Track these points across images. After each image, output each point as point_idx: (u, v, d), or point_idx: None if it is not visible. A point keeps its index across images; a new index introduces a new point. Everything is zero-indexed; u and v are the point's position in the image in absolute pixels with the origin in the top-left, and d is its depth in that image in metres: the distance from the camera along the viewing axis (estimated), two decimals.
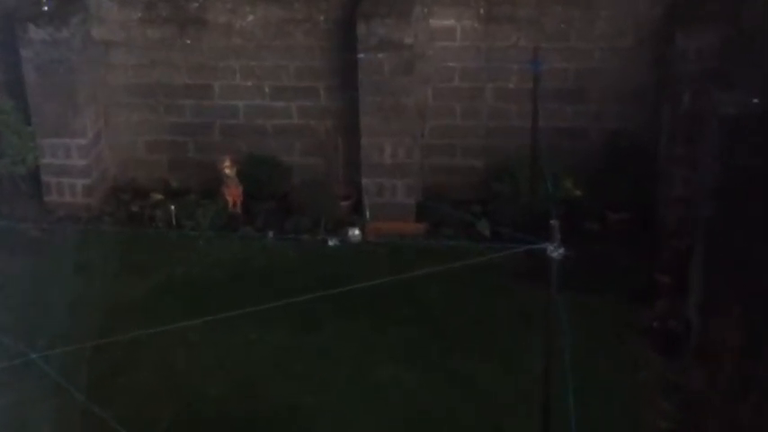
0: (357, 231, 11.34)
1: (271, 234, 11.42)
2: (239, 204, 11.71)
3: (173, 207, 11.58)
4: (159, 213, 11.67)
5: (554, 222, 6.80)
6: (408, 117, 11.20)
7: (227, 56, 11.78)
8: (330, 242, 11.24)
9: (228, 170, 11.59)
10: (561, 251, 6.75)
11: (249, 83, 11.86)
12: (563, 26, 11.20)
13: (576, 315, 8.38)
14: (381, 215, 11.42)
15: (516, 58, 11.22)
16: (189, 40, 11.78)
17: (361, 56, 10.97)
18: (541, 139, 10.72)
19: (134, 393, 9.00)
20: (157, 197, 12.07)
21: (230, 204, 11.68)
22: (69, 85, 11.51)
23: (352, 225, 11.41)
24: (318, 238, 11.27)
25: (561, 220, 7.03)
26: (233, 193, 11.66)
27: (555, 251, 6.73)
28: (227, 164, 11.60)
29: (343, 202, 11.68)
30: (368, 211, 11.47)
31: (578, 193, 11.13)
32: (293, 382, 9.11)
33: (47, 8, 11.47)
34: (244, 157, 11.84)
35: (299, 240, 11.21)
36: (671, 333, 9.46)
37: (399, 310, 9.94)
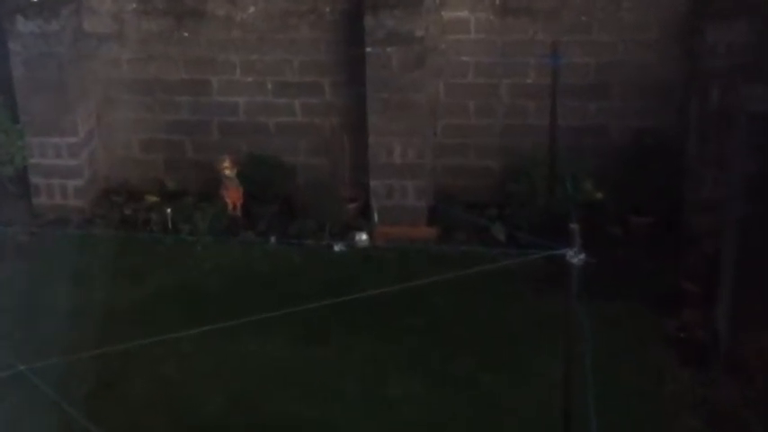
0: (364, 236, 11.35)
1: (273, 239, 11.44)
2: (239, 207, 11.73)
3: (169, 210, 11.61)
4: (154, 216, 11.70)
5: (574, 226, 6.80)
6: (419, 115, 11.22)
7: (226, 49, 11.81)
8: (336, 247, 11.26)
9: (228, 171, 11.62)
10: (581, 257, 6.75)
11: (250, 78, 11.89)
12: (584, 18, 11.20)
13: (597, 325, 8.40)
14: (390, 219, 11.44)
15: (534, 52, 11.23)
16: (186, 33, 11.81)
17: (368, 50, 10.99)
18: (560, 138, 10.74)
19: (127, 406, 9.01)
20: (152, 199, 12.10)
21: (230, 207, 11.70)
22: (59, 80, 11.55)
23: (359, 229, 11.43)
24: (323, 243, 11.28)
25: (581, 223, 7.04)
26: (233, 196, 11.69)
27: (575, 257, 6.73)
28: (226, 164, 11.63)
29: (350, 205, 11.69)
30: (376, 215, 11.49)
31: (599, 195, 11.12)
32: (296, 395, 9.11)
33: None
34: (244, 156, 11.87)
35: (302, 245, 11.23)
36: (698, 344, 9.45)
37: (409, 319, 9.95)
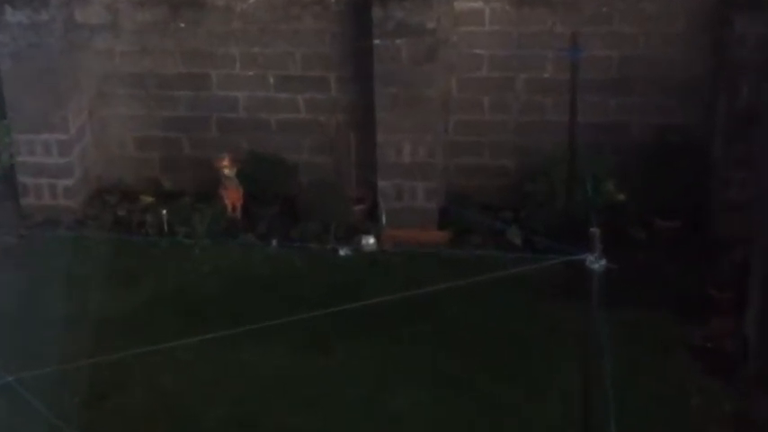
0: (372, 239, 11.40)
1: (274, 242, 11.49)
2: (239, 208, 11.78)
3: (164, 211, 11.66)
4: (149, 218, 11.75)
5: (594, 230, 6.83)
6: (430, 111, 11.26)
7: (226, 42, 11.85)
8: (341, 251, 11.31)
9: (227, 170, 11.66)
10: (602, 262, 6.78)
11: (251, 72, 11.93)
12: (605, 9, 11.23)
13: (619, 334, 8.40)
14: (399, 221, 11.48)
15: (552, 45, 11.26)
16: (183, 24, 11.85)
17: (376, 42, 11.03)
18: (580, 135, 10.74)
19: (122, 418, 9.08)
20: (148, 200, 12.15)
21: (229, 208, 11.75)
22: (49, 73, 11.60)
23: (366, 232, 11.48)
24: (328, 247, 11.33)
25: (602, 227, 7.06)
26: (232, 196, 11.73)
27: (595, 262, 6.76)
28: (225, 163, 11.67)
29: (356, 207, 11.74)
30: (384, 217, 11.53)
31: (622, 196, 11.15)
32: (298, 406, 9.17)
33: None
34: (244, 155, 11.92)
35: (305, 249, 11.27)
36: (726, 354, 9.47)
37: (418, 328, 9.99)
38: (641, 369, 9.31)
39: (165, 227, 11.61)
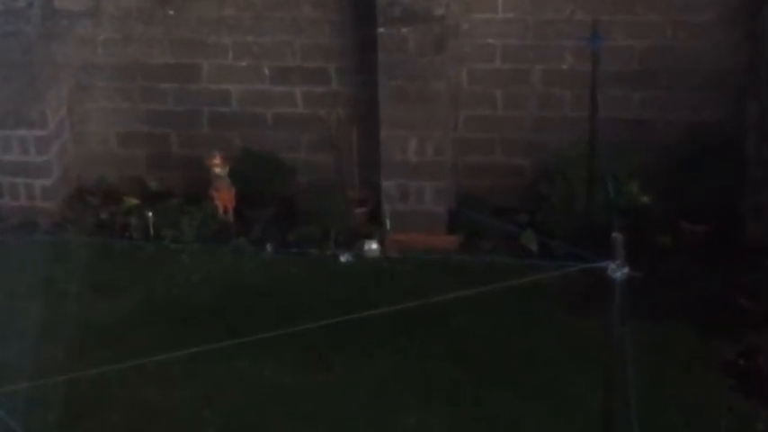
0: (375, 245, 11.40)
1: (269, 247, 11.50)
2: (231, 211, 11.79)
3: (150, 213, 11.67)
4: (134, 221, 11.76)
5: (616, 235, 6.81)
6: (438, 105, 11.26)
7: (218, 30, 11.86)
8: (342, 258, 11.31)
9: (219, 169, 11.67)
10: (625, 270, 6.76)
11: (244, 63, 11.95)
12: None
13: (643, 349, 8.40)
14: (404, 225, 11.48)
15: (571, 34, 11.26)
16: (172, 11, 11.87)
17: (380, 30, 11.04)
18: (601, 133, 10.74)
19: None
20: (132, 201, 12.16)
21: (220, 210, 11.76)
22: (26, 64, 11.62)
23: (369, 237, 11.48)
24: (328, 253, 11.33)
25: (625, 232, 7.05)
26: (224, 197, 11.74)
27: (617, 270, 6.74)
28: (216, 161, 11.68)
29: (358, 209, 11.75)
30: (388, 221, 11.53)
31: (646, 199, 11.16)
32: (296, 426, 9.14)
33: None
34: (237, 152, 11.94)
35: (303, 255, 11.28)
36: (760, 371, 9.46)
37: (427, 341, 9.98)
38: (667, 386, 9.28)
39: (151, 231, 11.62)
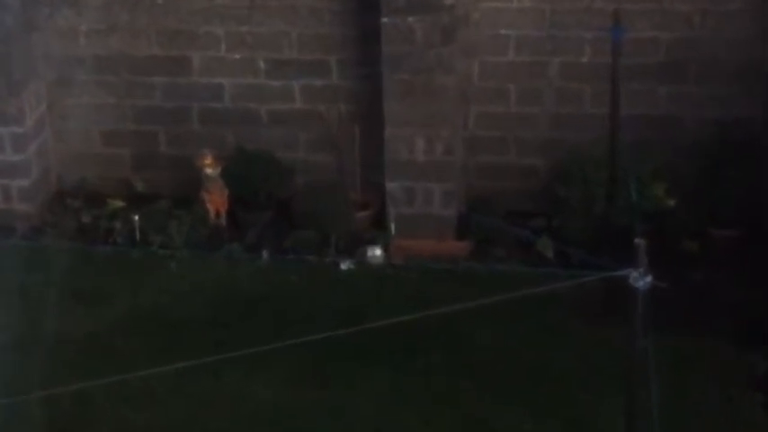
0: (378, 251, 11.41)
1: (265, 253, 11.50)
2: (224, 214, 11.81)
3: (136, 217, 11.68)
4: (119, 225, 11.78)
5: (639, 241, 6.81)
6: (447, 101, 11.26)
7: (209, 19, 11.89)
8: (343, 265, 11.32)
9: (210, 169, 11.69)
10: (648, 279, 6.76)
11: (238, 55, 11.96)
12: None
13: (668, 364, 8.39)
14: (411, 230, 11.49)
15: (591, 24, 11.27)
16: None
17: (385, 20, 11.04)
18: (623, 130, 10.74)
19: None
20: (117, 204, 12.18)
21: (212, 214, 11.77)
22: (3, 56, 11.64)
23: (372, 243, 11.49)
24: (328, 260, 11.35)
25: (648, 237, 7.04)
26: (216, 200, 11.76)
27: (640, 279, 6.74)
28: (208, 161, 11.70)
29: (361, 213, 11.76)
30: (393, 225, 11.53)
31: (672, 202, 11.15)
32: None
33: None
34: (231, 151, 11.95)
35: (302, 262, 11.28)
36: None
37: (434, 355, 9.98)
38: (694, 404, 9.27)
39: (137, 236, 11.63)
